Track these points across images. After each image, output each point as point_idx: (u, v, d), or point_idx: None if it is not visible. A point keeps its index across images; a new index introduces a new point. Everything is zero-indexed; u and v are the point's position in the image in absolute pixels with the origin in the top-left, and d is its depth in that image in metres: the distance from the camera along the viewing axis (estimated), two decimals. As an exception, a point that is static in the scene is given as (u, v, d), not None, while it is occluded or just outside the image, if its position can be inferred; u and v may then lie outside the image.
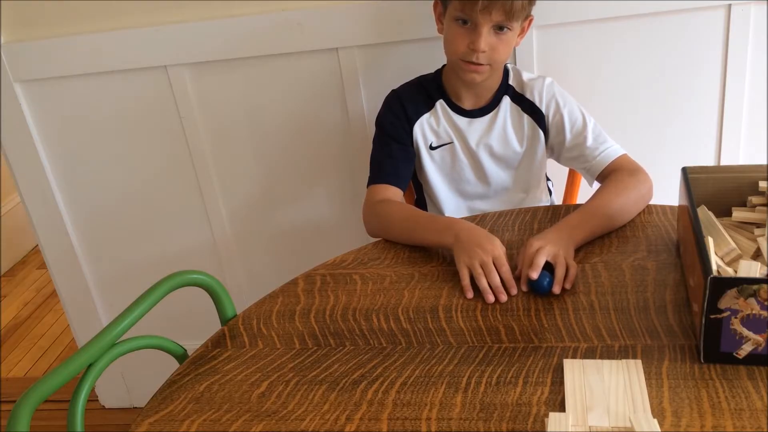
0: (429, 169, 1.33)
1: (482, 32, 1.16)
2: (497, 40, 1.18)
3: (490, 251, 1.02)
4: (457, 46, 1.19)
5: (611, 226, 1.11)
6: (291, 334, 0.97)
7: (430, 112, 1.31)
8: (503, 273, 1.00)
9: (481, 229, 1.08)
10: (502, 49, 1.20)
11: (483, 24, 1.16)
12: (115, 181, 1.69)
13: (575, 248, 1.06)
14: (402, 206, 1.23)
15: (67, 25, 1.52)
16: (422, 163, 1.33)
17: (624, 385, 0.79)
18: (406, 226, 1.16)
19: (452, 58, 1.23)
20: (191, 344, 0.98)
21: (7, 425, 0.78)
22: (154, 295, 0.94)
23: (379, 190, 1.27)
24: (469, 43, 1.18)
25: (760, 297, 0.76)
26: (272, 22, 1.47)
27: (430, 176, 1.34)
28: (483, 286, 0.99)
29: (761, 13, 1.39)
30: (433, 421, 0.78)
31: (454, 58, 1.22)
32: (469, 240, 1.05)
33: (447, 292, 1.02)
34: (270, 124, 1.60)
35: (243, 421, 0.82)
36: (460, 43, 1.19)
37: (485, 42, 1.17)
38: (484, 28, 1.16)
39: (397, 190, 1.28)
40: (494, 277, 0.99)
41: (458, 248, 1.05)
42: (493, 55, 1.19)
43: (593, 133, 1.26)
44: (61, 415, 0.99)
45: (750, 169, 1.01)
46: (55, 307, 2.56)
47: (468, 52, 1.19)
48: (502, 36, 1.19)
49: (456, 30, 1.19)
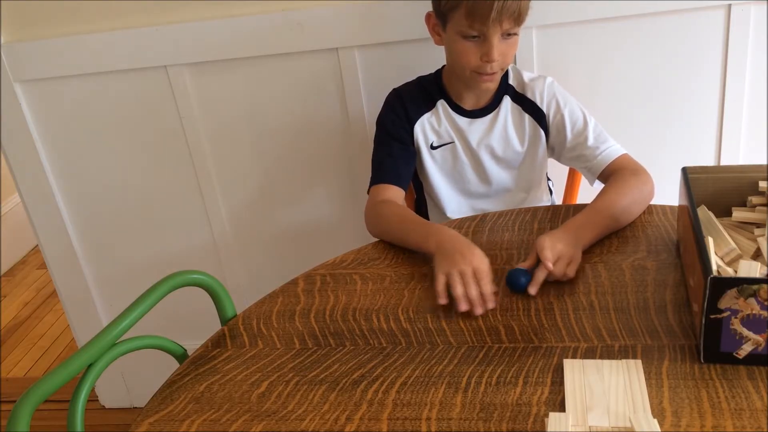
0: (430, 168, 1.33)
1: (494, 43, 1.16)
2: (506, 46, 1.19)
3: (470, 261, 0.99)
4: (469, 60, 1.19)
5: (616, 226, 1.11)
6: (291, 334, 0.97)
7: (431, 111, 1.31)
8: (483, 286, 0.97)
9: (465, 240, 1.05)
10: (510, 52, 1.21)
11: (493, 35, 1.16)
12: (115, 181, 1.69)
13: (583, 249, 1.05)
14: (398, 208, 1.22)
15: (67, 25, 1.53)
16: (423, 162, 1.33)
17: (624, 385, 0.79)
18: (399, 228, 1.16)
19: (463, 73, 1.23)
20: (191, 344, 0.98)
21: (7, 425, 0.78)
22: (154, 295, 0.94)
23: (381, 191, 1.27)
24: (482, 55, 1.18)
25: (760, 297, 0.76)
26: (272, 22, 1.47)
27: (432, 176, 1.34)
28: (456, 294, 0.96)
29: (761, 13, 1.39)
30: (433, 421, 0.78)
31: (466, 71, 1.21)
32: (452, 248, 1.02)
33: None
34: (270, 124, 1.60)
35: (243, 421, 0.82)
36: (471, 58, 1.19)
37: (498, 51, 1.17)
38: (495, 39, 1.16)
39: (399, 190, 1.27)
40: (471, 288, 0.96)
41: (439, 255, 1.03)
42: (505, 60, 1.20)
43: (594, 133, 1.26)
44: (61, 415, 0.99)
45: (750, 169, 1.01)
46: (55, 307, 2.56)
47: (481, 65, 1.19)
48: (509, 41, 1.19)
49: (464, 45, 1.18)
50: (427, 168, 1.33)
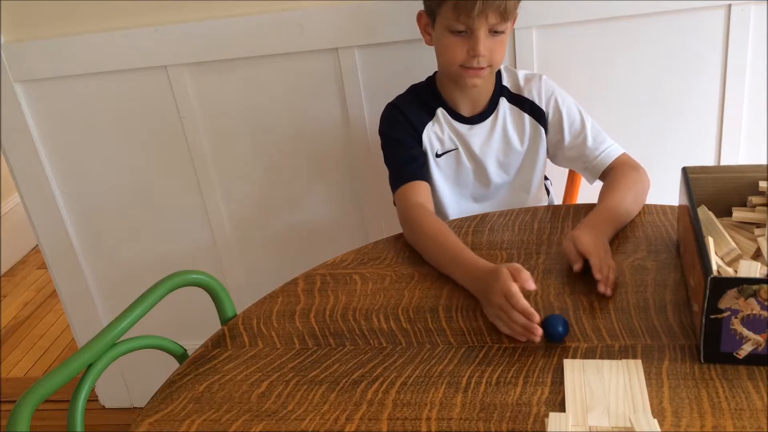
0: (435, 176, 1.31)
1: (480, 36, 1.16)
2: (493, 42, 1.19)
3: (499, 290, 0.91)
4: (455, 55, 1.19)
5: (624, 222, 1.12)
6: (291, 334, 0.97)
7: (432, 120, 1.29)
8: (519, 308, 0.89)
9: (483, 270, 0.98)
10: (499, 50, 1.20)
11: (479, 28, 1.16)
12: (115, 181, 1.69)
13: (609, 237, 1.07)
14: (432, 223, 1.14)
15: (67, 25, 1.52)
16: (430, 170, 1.32)
17: (624, 385, 0.79)
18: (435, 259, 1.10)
19: (451, 68, 1.22)
20: (191, 344, 0.98)
21: (7, 425, 0.78)
22: (154, 295, 0.94)
23: (409, 192, 1.23)
24: (468, 49, 1.18)
25: (760, 297, 0.76)
26: (272, 22, 1.47)
27: (436, 182, 1.31)
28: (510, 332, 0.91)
29: (761, 13, 1.39)
30: (433, 421, 0.78)
31: (453, 67, 1.21)
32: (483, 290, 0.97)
33: (447, 292, 1.02)
34: (270, 124, 1.60)
35: (243, 421, 0.82)
36: (458, 52, 1.19)
37: (484, 46, 1.17)
38: (480, 33, 1.16)
39: (424, 185, 1.24)
40: (516, 318, 0.89)
41: (480, 300, 0.99)
42: (492, 56, 1.20)
43: (592, 133, 1.26)
44: (61, 415, 0.99)
45: (750, 169, 1.01)
46: (55, 307, 2.56)
47: (468, 59, 1.18)
48: (497, 38, 1.19)
49: (451, 39, 1.19)
50: (433, 176, 1.32)
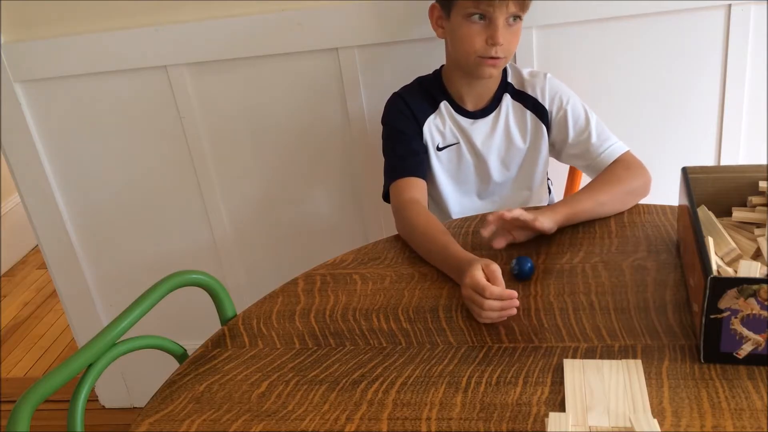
0: (436, 170, 1.32)
1: (499, 25, 1.16)
2: (510, 33, 1.19)
3: (468, 284, 0.94)
4: (474, 43, 1.18)
5: (597, 213, 1.14)
6: (291, 334, 0.97)
7: (435, 113, 1.30)
8: (495, 296, 0.91)
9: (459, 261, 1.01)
10: (514, 40, 1.21)
11: (499, 17, 1.16)
12: (115, 181, 1.69)
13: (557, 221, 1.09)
14: (424, 219, 1.15)
15: (67, 25, 1.52)
16: (430, 164, 1.32)
17: (624, 385, 0.79)
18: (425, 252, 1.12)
19: (468, 59, 1.21)
20: (191, 344, 0.98)
21: (7, 425, 0.78)
22: (154, 295, 0.95)
23: (403, 187, 1.23)
24: (487, 38, 1.17)
25: (760, 297, 0.76)
26: (272, 22, 1.47)
27: (437, 177, 1.32)
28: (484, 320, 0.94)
29: (761, 13, 1.39)
30: (433, 421, 0.78)
31: (471, 57, 1.20)
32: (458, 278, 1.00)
33: (447, 292, 1.02)
34: (270, 124, 1.60)
35: (243, 421, 0.82)
36: (477, 40, 1.18)
37: (503, 35, 1.17)
38: (500, 21, 1.16)
39: (420, 182, 1.25)
40: (489, 306, 0.92)
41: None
42: (509, 47, 1.20)
43: (596, 130, 1.26)
44: (61, 415, 0.99)
45: (750, 169, 1.01)
46: (55, 307, 2.56)
47: (486, 48, 1.18)
48: (513, 27, 1.20)
49: (470, 28, 1.18)
50: (433, 170, 1.32)
